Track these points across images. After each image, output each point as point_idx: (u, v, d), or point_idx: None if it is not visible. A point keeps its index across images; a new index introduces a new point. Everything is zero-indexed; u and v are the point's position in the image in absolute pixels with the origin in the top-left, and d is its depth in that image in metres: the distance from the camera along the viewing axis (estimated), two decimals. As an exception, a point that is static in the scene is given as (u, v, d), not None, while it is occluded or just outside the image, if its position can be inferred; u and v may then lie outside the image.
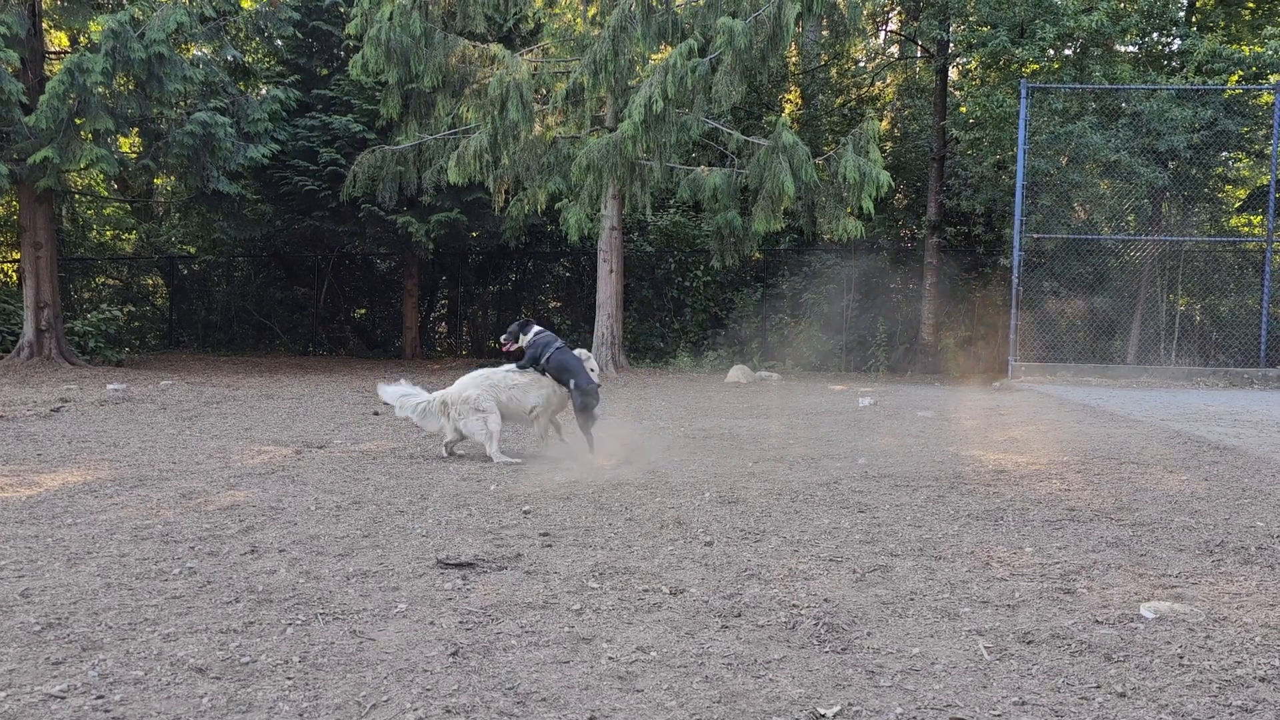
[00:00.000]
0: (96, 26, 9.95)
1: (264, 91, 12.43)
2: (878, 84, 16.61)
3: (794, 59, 15.54)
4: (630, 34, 9.15)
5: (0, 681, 1.87)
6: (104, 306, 12.91)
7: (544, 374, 4.70)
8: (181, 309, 16.64)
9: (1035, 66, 11.03)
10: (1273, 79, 10.52)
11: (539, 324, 4.95)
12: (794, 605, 2.36)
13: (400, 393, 4.78)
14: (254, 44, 13.35)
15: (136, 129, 11.09)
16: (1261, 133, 10.92)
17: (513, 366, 4.80)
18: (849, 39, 10.97)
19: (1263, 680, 1.90)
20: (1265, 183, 10.91)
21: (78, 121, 9.73)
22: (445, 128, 11.20)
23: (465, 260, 15.83)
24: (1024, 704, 1.80)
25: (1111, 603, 2.38)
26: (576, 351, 4.89)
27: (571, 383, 4.59)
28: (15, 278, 14.70)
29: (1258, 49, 10.53)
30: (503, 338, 4.98)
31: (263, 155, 11.25)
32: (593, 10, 10.97)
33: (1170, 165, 10.91)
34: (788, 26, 8.76)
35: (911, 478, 4.17)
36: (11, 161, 9.91)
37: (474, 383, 4.70)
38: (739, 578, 2.61)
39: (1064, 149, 10.84)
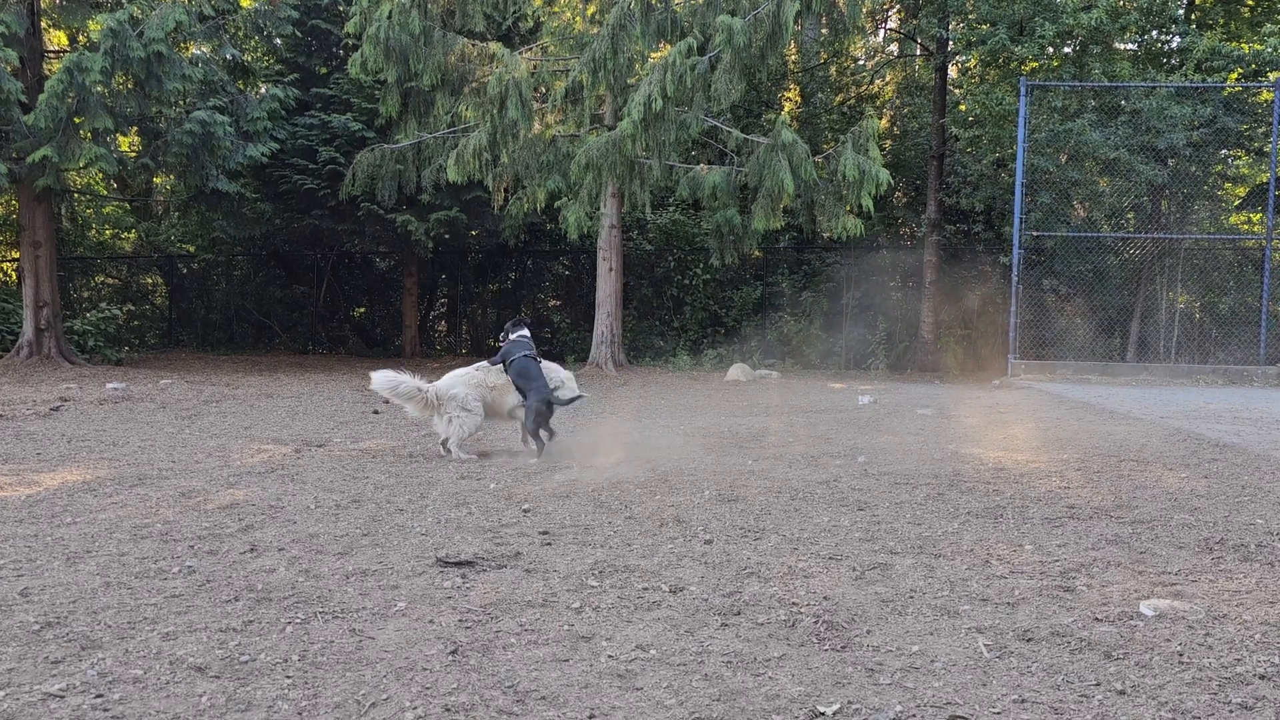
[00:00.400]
0: (95, 25, 9.94)
1: (263, 90, 12.42)
2: (877, 82, 16.60)
3: (793, 57, 15.52)
4: (629, 32, 9.14)
5: (-1, 680, 1.87)
6: (103, 305, 12.90)
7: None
8: (181, 308, 16.64)
9: (1035, 64, 11.02)
10: (1272, 76, 10.50)
11: (528, 326, 5.02)
12: (793, 603, 2.36)
13: (389, 380, 4.78)
14: (253, 43, 13.35)
15: (135, 128, 11.07)
16: (1261, 130, 10.90)
17: (485, 364, 4.93)
18: (848, 37, 10.95)
19: (1262, 678, 1.89)
20: (1264, 180, 10.89)
21: (77, 120, 9.71)
22: (444, 126, 11.19)
23: (465, 259, 15.82)
24: (1024, 701, 1.79)
25: (1111, 600, 2.38)
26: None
27: (530, 393, 4.65)
28: (14, 277, 14.69)
29: (1257, 46, 10.52)
30: (501, 333, 5.10)
31: (262, 154, 11.24)
32: (591, 8, 10.95)
33: (1170, 163, 10.90)
34: (787, 24, 8.75)
35: (911, 475, 4.17)
36: (10, 160, 9.90)
37: (461, 381, 4.81)
38: (738, 576, 2.61)
39: (1063, 147, 10.84)
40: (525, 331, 4.91)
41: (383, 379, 4.67)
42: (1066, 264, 11.13)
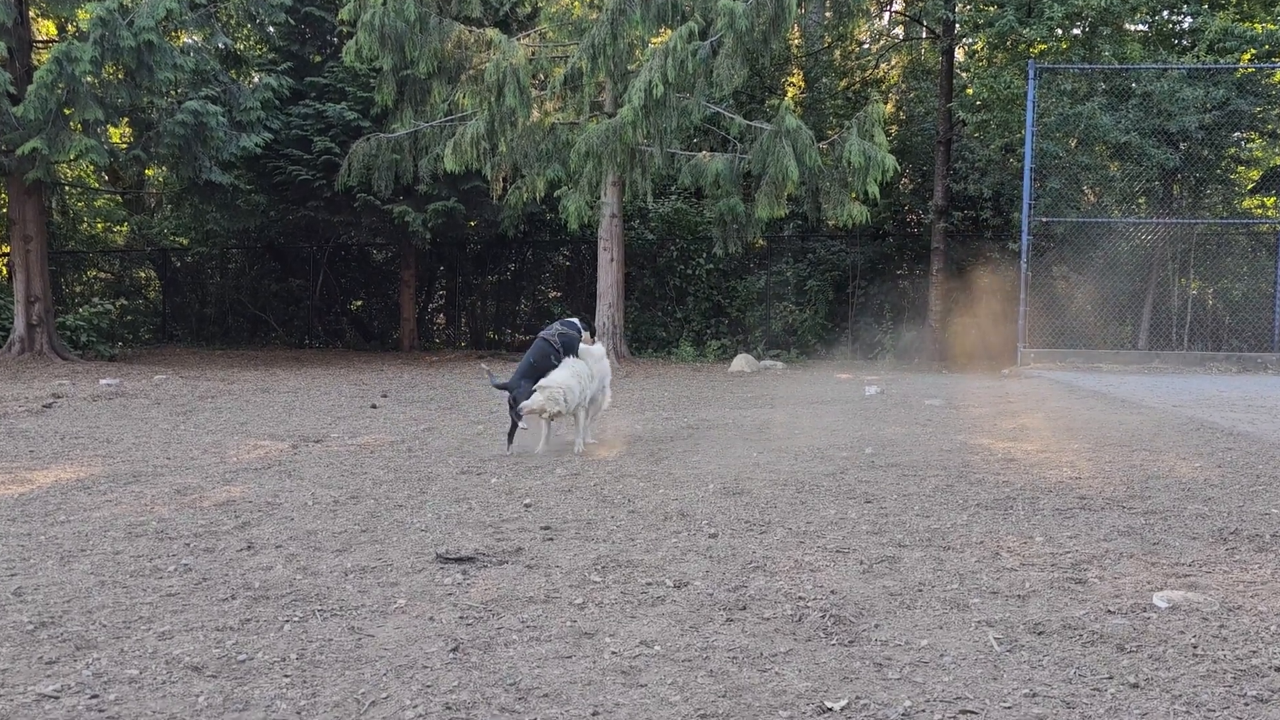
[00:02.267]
0: (84, 14, 9.78)
1: (256, 79, 12.29)
2: (882, 66, 16.41)
3: (796, 41, 15.33)
4: (629, 17, 9.02)
5: (-11, 683, 1.83)
6: (96, 300, 12.86)
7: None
8: (175, 302, 16.57)
9: (1043, 46, 10.87)
10: (1285, 57, 10.35)
11: (576, 316, 5.03)
12: (800, 597, 2.32)
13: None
14: (245, 31, 13.21)
15: (126, 119, 10.96)
16: (1275, 112, 10.76)
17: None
18: (853, 20, 10.83)
19: (1278, 670, 1.86)
20: (1279, 163, 10.76)
21: (66, 112, 9.60)
22: (441, 115, 11.08)
23: (463, 250, 15.73)
24: (1035, 695, 1.76)
25: (1124, 592, 2.34)
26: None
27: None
28: (5, 271, 14.63)
29: (1270, 26, 10.36)
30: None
31: (255, 144, 11.13)
32: (591, -7, 10.81)
33: (1181, 146, 10.76)
34: (790, 8, 8.63)
35: (919, 467, 4.13)
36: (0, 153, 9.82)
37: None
38: (744, 570, 2.57)
39: (1073, 131, 10.70)
40: (573, 319, 4.89)
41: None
42: (1076, 250, 11.02)
